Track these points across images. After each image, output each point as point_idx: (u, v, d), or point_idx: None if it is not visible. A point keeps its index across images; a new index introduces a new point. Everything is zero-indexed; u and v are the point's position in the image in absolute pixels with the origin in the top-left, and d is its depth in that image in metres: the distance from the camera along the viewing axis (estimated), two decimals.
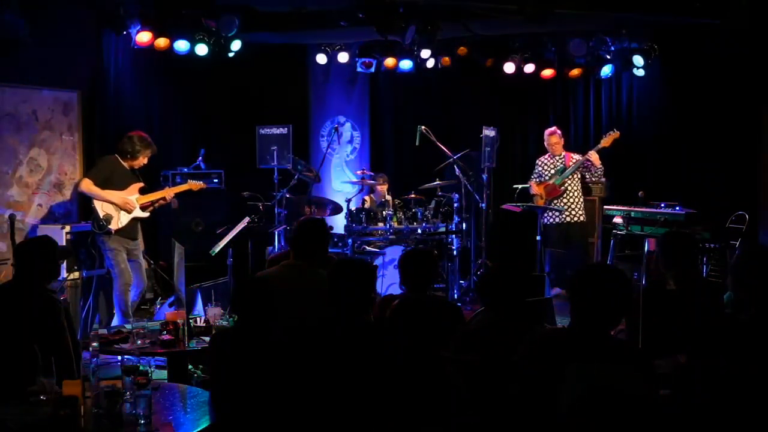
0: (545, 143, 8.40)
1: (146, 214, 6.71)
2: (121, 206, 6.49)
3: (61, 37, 7.37)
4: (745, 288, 3.32)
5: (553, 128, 8.45)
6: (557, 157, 8.32)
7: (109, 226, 6.39)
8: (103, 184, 6.47)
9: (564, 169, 8.21)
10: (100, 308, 6.91)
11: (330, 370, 3.36)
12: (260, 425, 3.33)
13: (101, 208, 6.44)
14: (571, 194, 8.23)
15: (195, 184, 7.04)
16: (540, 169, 8.43)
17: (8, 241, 6.52)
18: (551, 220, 8.27)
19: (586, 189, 8.52)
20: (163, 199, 6.76)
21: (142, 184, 6.70)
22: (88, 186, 6.47)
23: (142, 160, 6.65)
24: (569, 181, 8.21)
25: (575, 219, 8.24)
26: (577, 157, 8.23)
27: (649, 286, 4.44)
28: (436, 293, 7.54)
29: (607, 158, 8.31)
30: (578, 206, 8.26)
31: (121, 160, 6.59)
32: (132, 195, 6.58)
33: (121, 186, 6.56)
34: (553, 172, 8.29)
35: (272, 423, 3.31)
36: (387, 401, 3.31)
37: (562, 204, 8.22)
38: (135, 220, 6.62)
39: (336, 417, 3.30)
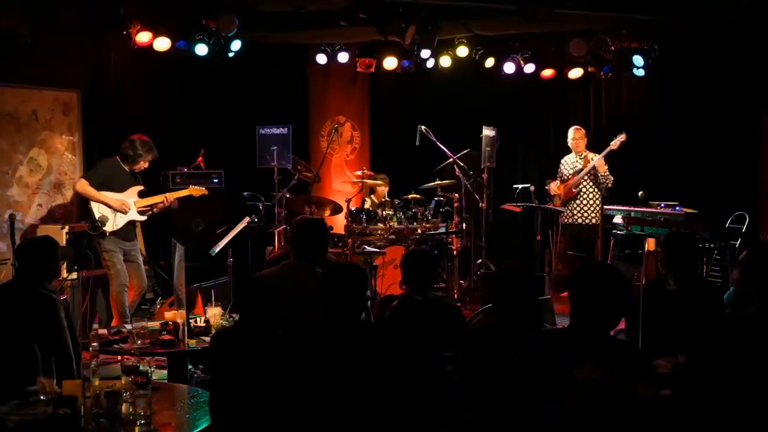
0: (568, 140, 8.36)
1: (143, 218, 6.68)
2: (117, 208, 6.46)
3: (61, 37, 7.37)
4: (751, 285, 3.32)
5: (578, 126, 8.42)
6: (577, 157, 8.27)
7: (104, 228, 6.37)
8: (101, 187, 6.45)
9: (580, 170, 8.16)
10: (100, 308, 6.91)
11: (330, 370, 3.36)
12: (260, 425, 3.33)
13: (97, 210, 6.42)
14: (585, 196, 8.15)
15: (196, 190, 7.00)
16: (562, 168, 8.39)
17: (8, 241, 6.52)
18: (566, 219, 8.24)
19: None
20: (162, 203, 6.69)
21: (141, 187, 6.67)
22: (83, 187, 6.46)
23: (143, 165, 6.61)
24: (584, 183, 8.16)
25: (588, 221, 8.17)
26: (594, 156, 8.15)
27: (649, 286, 4.43)
28: (436, 293, 7.54)
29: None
30: (592, 208, 8.16)
31: (121, 163, 6.58)
32: (130, 198, 6.55)
33: (121, 189, 6.53)
34: (571, 172, 8.25)
35: (272, 423, 3.31)
36: (387, 402, 3.31)
37: (576, 206, 8.17)
38: (131, 222, 6.61)
39: (336, 417, 3.30)
